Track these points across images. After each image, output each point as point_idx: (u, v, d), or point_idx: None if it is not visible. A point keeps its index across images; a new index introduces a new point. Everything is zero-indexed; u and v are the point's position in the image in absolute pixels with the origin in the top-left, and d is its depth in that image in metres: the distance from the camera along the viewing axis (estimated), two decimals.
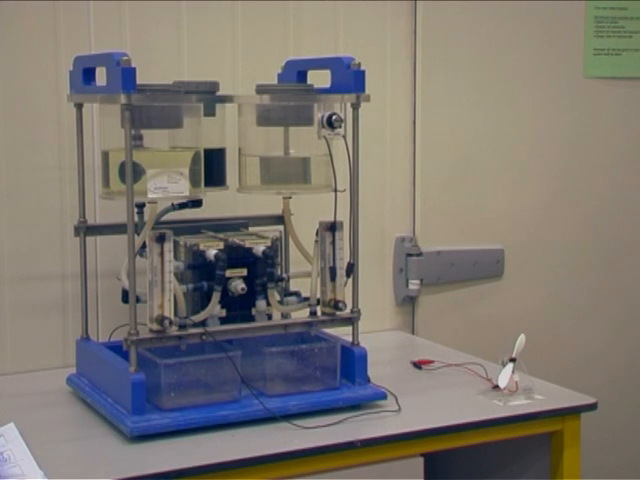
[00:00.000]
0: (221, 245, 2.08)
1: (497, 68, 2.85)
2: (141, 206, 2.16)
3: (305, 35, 2.63)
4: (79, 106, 2.17)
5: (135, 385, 1.93)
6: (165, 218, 2.19)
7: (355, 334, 2.14)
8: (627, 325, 3.09)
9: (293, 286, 2.24)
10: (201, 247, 2.07)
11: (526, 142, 2.92)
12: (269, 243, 2.11)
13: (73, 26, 2.38)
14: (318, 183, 2.16)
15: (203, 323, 2.04)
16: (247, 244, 2.10)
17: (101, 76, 2.02)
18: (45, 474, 1.67)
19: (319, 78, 2.20)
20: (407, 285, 2.81)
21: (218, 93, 2.15)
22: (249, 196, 2.29)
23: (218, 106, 2.18)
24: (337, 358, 2.12)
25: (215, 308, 2.05)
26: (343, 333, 2.18)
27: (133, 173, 1.91)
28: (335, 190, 2.11)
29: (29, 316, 2.39)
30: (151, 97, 1.94)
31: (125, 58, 1.89)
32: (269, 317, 2.14)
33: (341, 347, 2.14)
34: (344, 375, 2.13)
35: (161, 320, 1.93)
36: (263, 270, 2.10)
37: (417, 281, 2.80)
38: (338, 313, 2.12)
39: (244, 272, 2.08)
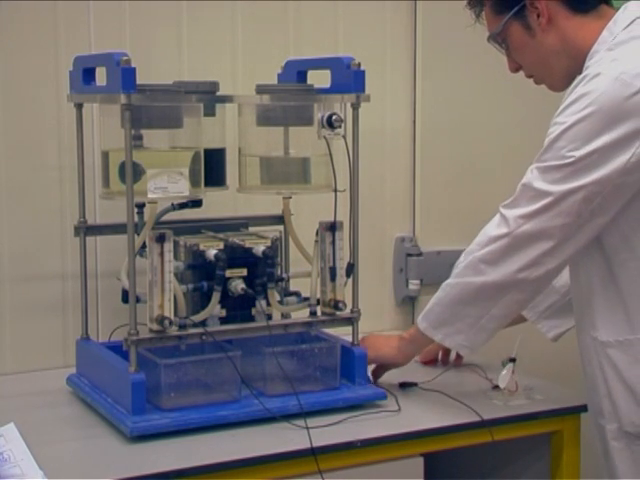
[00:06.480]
0: (221, 245, 2.08)
1: (497, 68, 2.84)
2: (141, 206, 2.16)
3: (305, 35, 2.63)
4: (79, 106, 2.17)
5: (135, 385, 1.93)
6: (165, 218, 2.19)
7: (355, 334, 2.14)
8: None
9: (293, 286, 2.24)
10: (201, 247, 2.07)
11: (526, 142, 2.90)
12: (269, 243, 2.11)
13: (73, 26, 2.38)
14: (318, 183, 2.16)
15: (203, 323, 2.04)
16: (247, 244, 2.09)
17: (101, 76, 2.02)
18: (45, 474, 1.66)
19: (319, 78, 2.20)
20: (407, 285, 2.81)
21: (218, 93, 2.15)
22: (249, 196, 2.29)
23: (218, 106, 2.18)
24: (337, 358, 2.12)
25: (215, 308, 2.05)
26: (343, 333, 2.19)
27: (133, 173, 1.91)
28: (335, 190, 2.11)
29: (29, 316, 2.39)
30: (151, 97, 1.94)
31: (125, 58, 1.89)
32: (269, 317, 2.13)
33: (341, 347, 2.14)
34: (344, 375, 2.13)
35: (161, 320, 1.93)
36: (263, 270, 2.10)
37: (417, 281, 2.80)
38: (338, 313, 2.12)
39: (244, 272, 2.08)
